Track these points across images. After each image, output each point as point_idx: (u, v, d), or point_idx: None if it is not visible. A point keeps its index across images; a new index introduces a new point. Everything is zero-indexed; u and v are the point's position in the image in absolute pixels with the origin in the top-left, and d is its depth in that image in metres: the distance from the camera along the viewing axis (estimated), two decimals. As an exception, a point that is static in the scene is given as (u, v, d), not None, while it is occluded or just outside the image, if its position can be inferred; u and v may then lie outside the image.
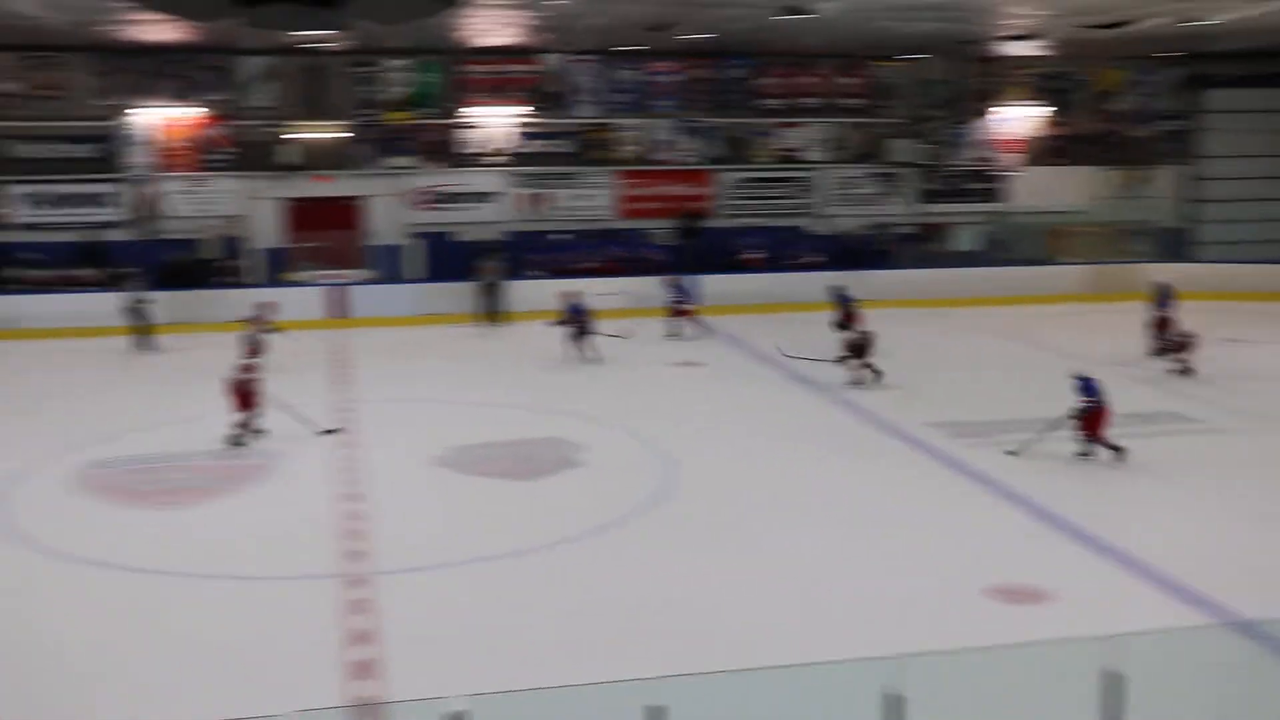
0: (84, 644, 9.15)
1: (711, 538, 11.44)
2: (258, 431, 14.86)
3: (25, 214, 24.46)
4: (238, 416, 14.70)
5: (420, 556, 10.90)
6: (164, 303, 23.27)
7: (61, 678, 8.59)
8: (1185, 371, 18.21)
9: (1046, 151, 28.82)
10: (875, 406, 16.44)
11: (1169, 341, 18.82)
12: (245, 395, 14.72)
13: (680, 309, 22.72)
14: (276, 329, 19.74)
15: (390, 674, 8.52)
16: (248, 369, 15.14)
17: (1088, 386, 13.76)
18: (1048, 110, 28.65)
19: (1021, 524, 11.79)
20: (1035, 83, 28.44)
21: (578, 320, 19.92)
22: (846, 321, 20.15)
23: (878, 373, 17.86)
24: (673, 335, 22.34)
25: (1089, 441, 13.70)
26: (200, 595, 10.16)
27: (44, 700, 8.23)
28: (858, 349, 17.98)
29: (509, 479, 13.43)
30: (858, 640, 8.85)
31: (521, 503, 12.66)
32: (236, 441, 14.59)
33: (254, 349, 18.32)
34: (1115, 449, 13.63)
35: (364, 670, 8.57)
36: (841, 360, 17.98)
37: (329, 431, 15.18)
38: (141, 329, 21.18)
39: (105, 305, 22.72)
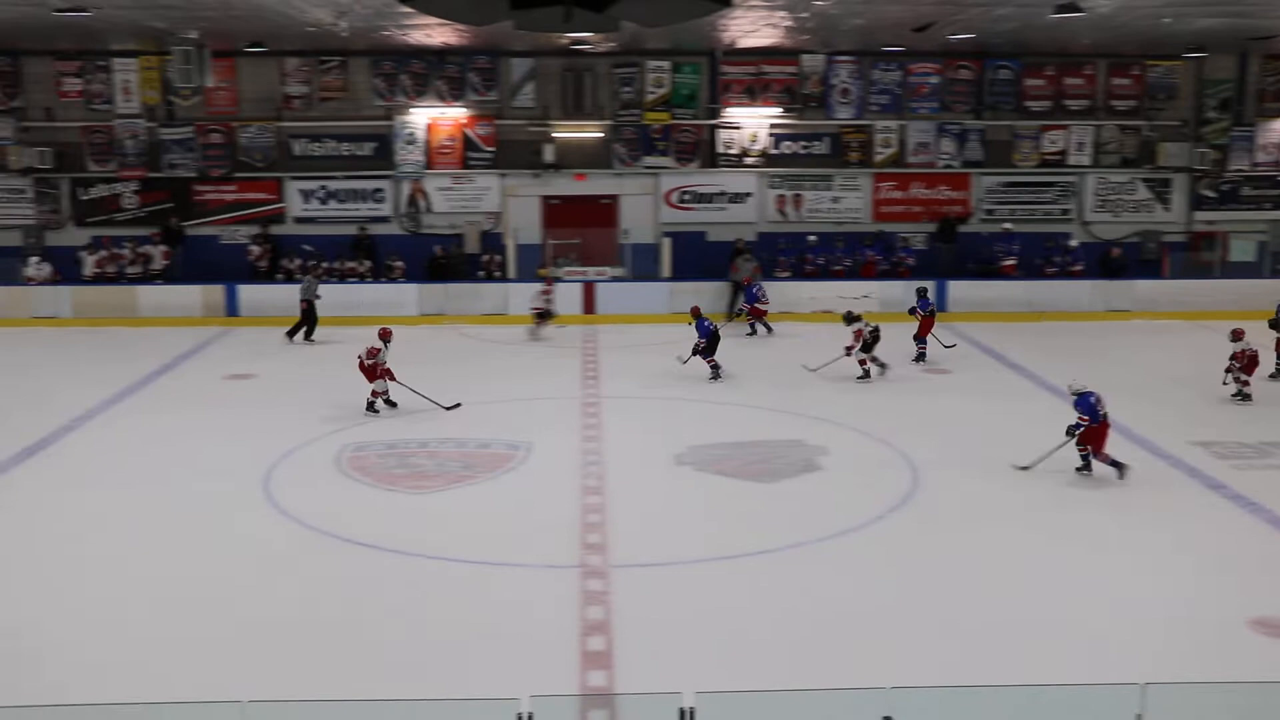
0: (333, 617, 9.65)
1: (952, 549, 11.18)
2: (390, 404, 16.56)
3: (302, 209, 25.95)
4: (372, 387, 16.46)
5: (657, 552, 11.03)
6: (427, 294, 24.43)
7: (310, 648, 9.09)
8: None
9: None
10: (1133, 422, 15.67)
11: None
12: (369, 371, 16.47)
13: (756, 309, 22.75)
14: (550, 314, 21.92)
15: (622, 666, 8.66)
16: (372, 349, 16.60)
17: (1084, 402, 13.32)
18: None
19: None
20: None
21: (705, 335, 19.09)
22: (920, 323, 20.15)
23: (882, 366, 18.67)
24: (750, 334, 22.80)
25: (1090, 458, 13.39)
26: (443, 577, 10.56)
27: (286, 669, 8.71)
28: (869, 344, 18.40)
29: (748, 479, 13.43)
30: (1106, 664, 8.46)
31: (760, 504, 12.65)
32: (371, 408, 16.39)
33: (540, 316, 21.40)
34: (1116, 465, 13.23)
35: (597, 660, 8.73)
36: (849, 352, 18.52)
37: (452, 408, 16.48)
38: (308, 321, 22.17)
39: (372, 295, 24.03)
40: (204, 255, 24.83)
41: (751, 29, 22.41)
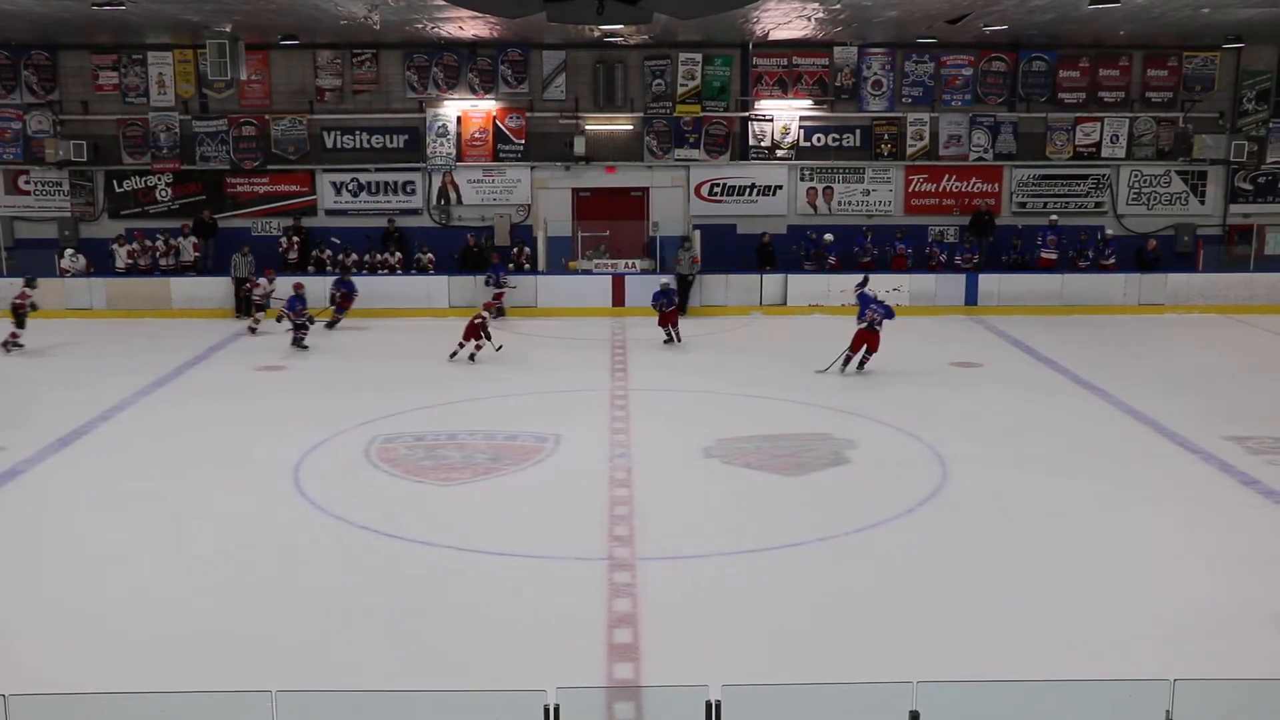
0: (360, 608, 9.67)
1: (981, 544, 11.12)
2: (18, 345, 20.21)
3: (334, 201, 26.06)
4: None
5: (684, 545, 11.02)
6: (457, 286, 24.49)
7: (336, 638, 9.12)
8: None
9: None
10: (1167, 417, 15.57)
11: None
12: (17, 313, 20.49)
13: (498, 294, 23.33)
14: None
15: (648, 658, 8.65)
16: (24, 292, 20.52)
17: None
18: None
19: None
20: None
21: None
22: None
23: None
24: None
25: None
26: (469, 569, 10.57)
27: (312, 659, 8.74)
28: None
29: (776, 473, 13.39)
30: (1133, 661, 8.41)
31: (787, 497, 12.61)
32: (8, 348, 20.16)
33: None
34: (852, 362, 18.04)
35: (624, 653, 8.73)
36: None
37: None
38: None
39: (404, 288, 24.14)
40: (236, 247, 24.93)
41: (784, 21, 22.34)
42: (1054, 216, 25.94)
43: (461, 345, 19.14)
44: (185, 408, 16.57)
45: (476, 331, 19.07)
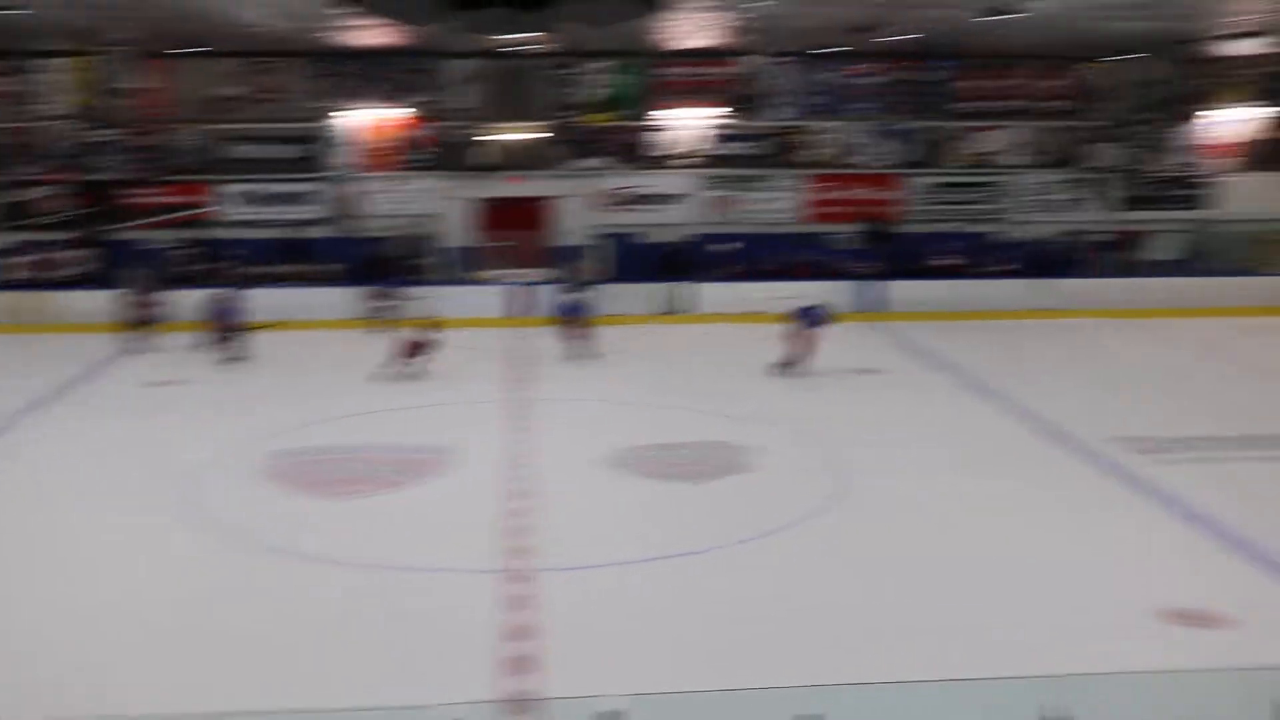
0: (251, 628, 9.48)
1: (876, 548, 11.25)
2: None
3: (236, 211, 25.63)
4: None
5: (584, 555, 10.99)
6: (358, 297, 24.24)
7: (230, 658, 8.92)
8: None
9: (1263, 156, 27.33)
10: (1057, 419, 15.90)
11: None
12: None
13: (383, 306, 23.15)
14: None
15: (548, 671, 8.63)
16: None
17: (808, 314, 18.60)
18: (1268, 112, 27.12)
19: (1203, 546, 11.23)
20: (1257, 83, 26.90)
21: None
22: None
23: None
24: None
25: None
26: (370, 584, 10.43)
27: (205, 681, 8.51)
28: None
29: (676, 481, 13.44)
30: (1021, 658, 8.58)
31: (687, 505, 12.66)
32: None
33: None
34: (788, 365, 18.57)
35: (520, 666, 8.69)
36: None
37: None
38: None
39: (305, 299, 23.79)
40: (130, 259, 24.41)
41: (691, 30, 22.48)
42: (953, 223, 26.43)
43: (408, 362, 18.88)
44: (71, 425, 16.09)
45: (415, 350, 18.82)
